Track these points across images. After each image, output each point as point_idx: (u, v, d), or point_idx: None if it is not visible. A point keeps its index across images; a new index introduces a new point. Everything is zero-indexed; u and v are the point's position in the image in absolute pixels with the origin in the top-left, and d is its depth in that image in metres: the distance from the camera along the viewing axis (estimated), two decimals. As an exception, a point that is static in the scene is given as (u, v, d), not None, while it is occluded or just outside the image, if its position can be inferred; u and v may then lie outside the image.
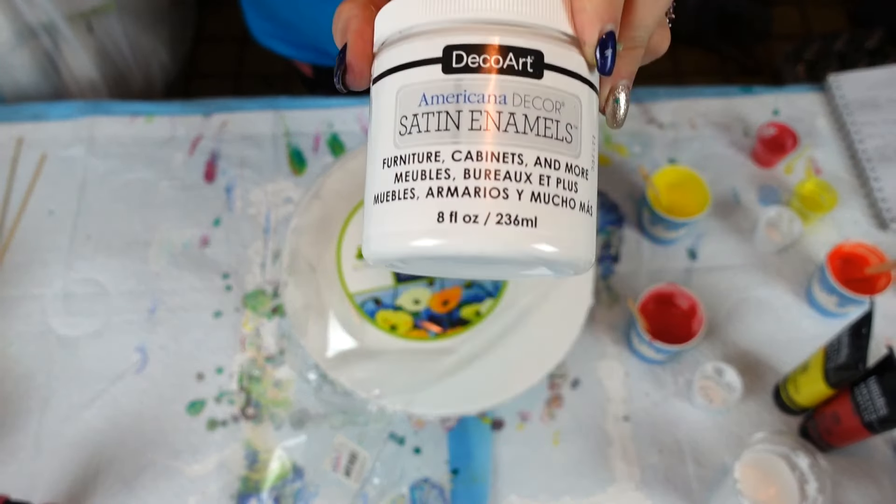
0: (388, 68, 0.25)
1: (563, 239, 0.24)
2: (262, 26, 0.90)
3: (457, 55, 0.23)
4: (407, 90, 0.24)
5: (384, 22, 0.25)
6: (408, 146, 0.24)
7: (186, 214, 0.84)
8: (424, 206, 0.23)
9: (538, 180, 0.23)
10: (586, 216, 0.25)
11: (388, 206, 0.24)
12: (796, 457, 0.64)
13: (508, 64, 0.23)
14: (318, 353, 0.70)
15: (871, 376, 0.62)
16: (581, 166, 0.24)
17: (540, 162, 0.23)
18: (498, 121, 0.23)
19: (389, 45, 0.25)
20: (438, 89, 0.23)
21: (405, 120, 0.24)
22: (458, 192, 0.23)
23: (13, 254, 0.81)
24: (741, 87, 0.93)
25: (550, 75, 0.24)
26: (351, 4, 0.27)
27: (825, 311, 0.78)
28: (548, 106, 0.24)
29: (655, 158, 0.88)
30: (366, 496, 0.70)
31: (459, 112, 0.23)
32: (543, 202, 0.23)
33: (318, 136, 0.89)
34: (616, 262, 0.82)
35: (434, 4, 0.24)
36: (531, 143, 0.23)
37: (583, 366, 0.76)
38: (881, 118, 0.89)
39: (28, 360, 0.76)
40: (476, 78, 0.23)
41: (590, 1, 0.23)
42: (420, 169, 0.23)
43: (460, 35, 0.23)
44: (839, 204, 0.82)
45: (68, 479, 0.71)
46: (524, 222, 0.23)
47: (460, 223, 0.23)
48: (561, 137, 0.24)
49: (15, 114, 0.90)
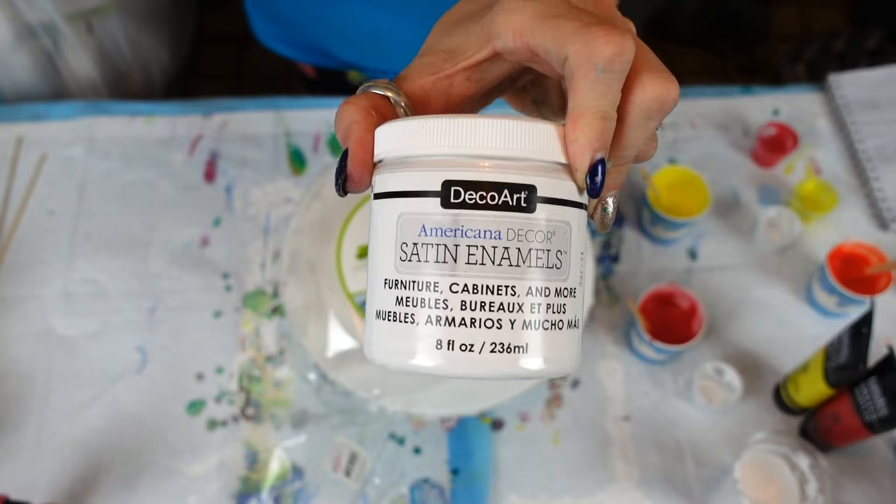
0: (390, 191, 0.26)
1: (550, 358, 0.26)
2: (265, 28, 0.90)
3: (455, 191, 0.25)
4: (407, 218, 0.26)
5: (385, 139, 0.27)
6: (408, 273, 0.25)
7: (186, 214, 0.84)
8: (424, 332, 0.25)
9: (529, 309, 0.25)
10: (572, 331, 0.27)
11: (389, 326, 0.26)
12: (796, 457, 0.64)
13: (503, 200, 0.25)
14: (318, 353, 0.70)
15: (871, 376, 0.62)
16: (569, 287, 0.26)
17: (531, 291, 0.25)
18: (493, 255, 0.25)
19: (389, 166, 0.26)
20: (438, 223, 0.25)
21: (405, 247, 0.25)
22: (455, 322, 0.25)
23: (13, 254, 0.81)
24: (741, 87, 0.93)
25: (543, 207, 0.25)
26: (353, 108, 0.27)
27: (825, 311, 0.78)
28: (539, 237, 0.25)
29: (655, 158, 0.88)
30: (366, 496, 0.70)
31: (457, 246, 0.25)
32: (533, 328, 0.25)
33: (318, 136, 0.89)
34: (616, 262, 0.82)
35: (434, 136, 0.25)
36: (523, 274, 0.25)
37: (583, 366, 0.76)
38: (881, 118, 0.89)
39: (28, 360, 0.76)
40: (473, 214, 0.25)
41: (582, 133, 0.25)
42: (420, 297, 0.25)
43: (458, 171, 0.25)
44: (839, 204, 0.82)
45: (68, 479, 0.71)
46: (515, 349, 0.25)
47: (457, 351, 0.25)
48: (551, 265, 0.26)
49: (15, 114, 0.90)
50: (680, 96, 0.27)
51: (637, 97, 0.26)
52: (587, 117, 0.25)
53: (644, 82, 0.26)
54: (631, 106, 0.26)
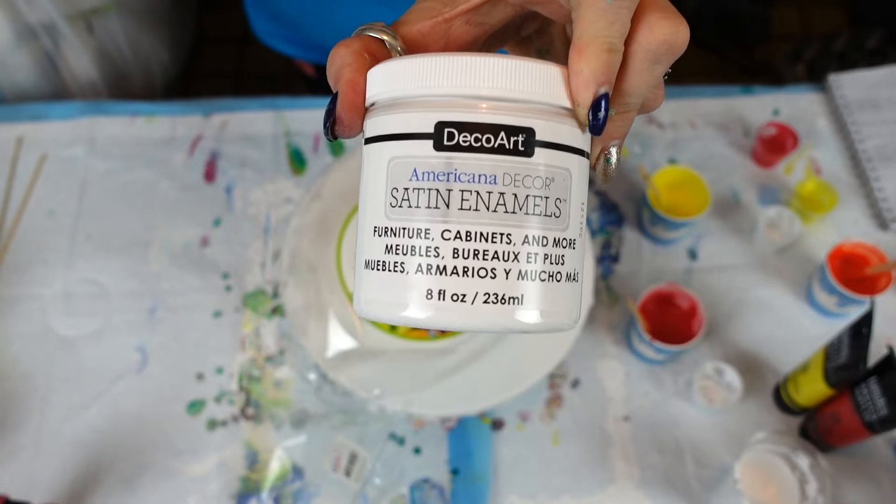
0: (381, 134, 0.25)
1: (548, 312, 0.25)
2: (265, 26, 0.90)
3: (448, 132, 0.23)
4: (398, 162, 0.24)
5: (377, 81, 0.25)
6: (398, 220, 0.24)
7: (186, 214, 0.84)
8: (414, 282, 0.24)
9: (525, 259, 0.24)
10: (571, 284, 0.25)
11: (379, 276, 0.25)
12: (796, 457, 0.64)
13: (500, 143, 0.23)
14: (318, 353, 0.70)
15: (871, 376, 0.62)
16: (568, 238, 0.25)
17: (528, 240, 0.24)
18: (488, 201, 0.23)
19: (381, 108, 0.25)
20: (430, 166, 0.24)
21: (396, 192, 0.24)
22: (447, 271, 0.23)
23: (13, 254, 0.81)
24: (741, 87, 0.93)
25: (541, 152, 0.24)
26: (345, 51, 0.26)
27: (825, 311, 0.78)
28: (538, 184, 0.24)
29: (655, 158, 0.88)
30: (366, 496, 0.70)
31: (450, 191, 0.23)
32: (530, 279, 0.24)
33: (318, 136, 0.89)
34: (616, 262, 0.82)
35: (427, 76, 0.24)
36: (520, 221, 0.24)
37: (583, 366, 0.76)
38: (881, 118, 0.89)
39: (28, 360, 0.76)
40: (467, 157, 0.23)
41: (587, 64, 0.23)
42: (410, 244, 0.24)
43: (452, 112, 0.23)
44: (839, 204, 0.82)
45: (68, 479, 0.71)
46: (510, 300, 0.24)
47: (448, 301, 0.23)
48: (550, 213, 0.24)
49: (15, 114, 0.90)
50: (680, 96, 0.26)
51: (644, 38, 0.24)
52: (593, 48, 0.23)
53: (652, 22, 0.24)
54: (637, 47, 0.24)
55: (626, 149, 0.88)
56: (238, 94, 0.92)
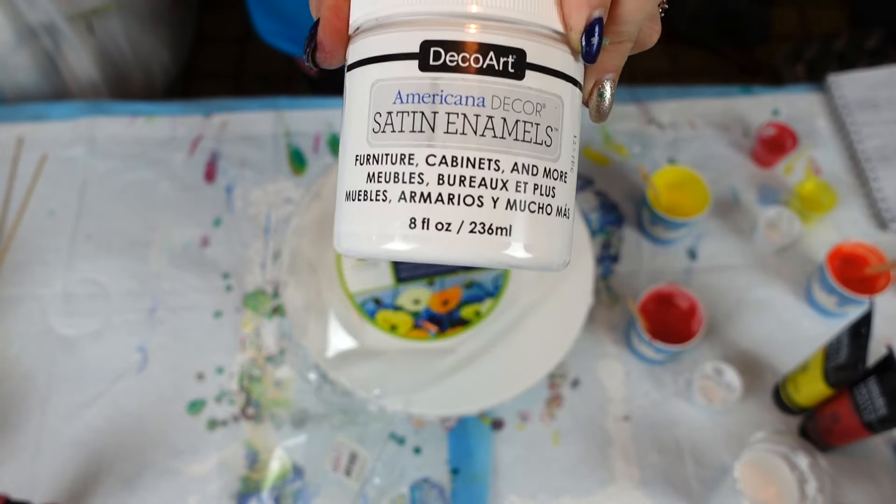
0: (363, 58, 0.24)
1: (537, 246, 0.24)
2: (267, 25, 0.90)
3: (434, 52, 0.22)
4: (382, 85, 0.23)
5: (360, 3, 0.24)
6: (381, 145, 0.23)
7: (186, 214, 0.84)
8: (397, 210, 0.23)
9: (514, 187, 0.23)
10: (562, 220, 0.24)
11: (360, 206, 0.24)
12: (796, 457, 0.64)
13: (489, 64, 0.22)
14: (318, 353, 0.70)
15: (870, 376, 0.62)
16: (560, 170, 0.24)
17: (517, 168, 0.23)
18: (475, 125, 0.22)
19: (365, 31, 0.24)
20: (414, 87, 0.22)
21: (379, 117, 0.23)
22: (430, 198, 0.22)
23: (13, 254, 0.81)
24: (741, 87, 0.93)
25: (532, 75, 0.23)
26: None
27: (825, 311, 0.78)
28: (528, 108, 0.23)
29: (655, 158, 0.88)
30: (366, 496, 0.70)
31: (435, 114, 0.22)
32: (519, 209, 0.23)
33: (318, 136, 0.89)
34: (616, 262, 0.82)
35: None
36: (509, 147, 0.23)
37: (583, 366, 0.76)
38: (881, 118, 0.89)
39: (28, 360, 0.76)
40: (454, 78, 0.22)
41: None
42: (393, 171, 0.23)
43: (439, 30, 0.22)
44: (839, 204, 0.83)
45: (68, 479, 0.71)
46: (498, 231, 0.23)
47: (433, 230, 0.22)
48: (540, 141, 0.23)
49: (15, 114, 0.90)
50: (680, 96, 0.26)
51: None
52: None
53: None
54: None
55: (626, 149, 0.88)
56: (238, 94, 0.92)
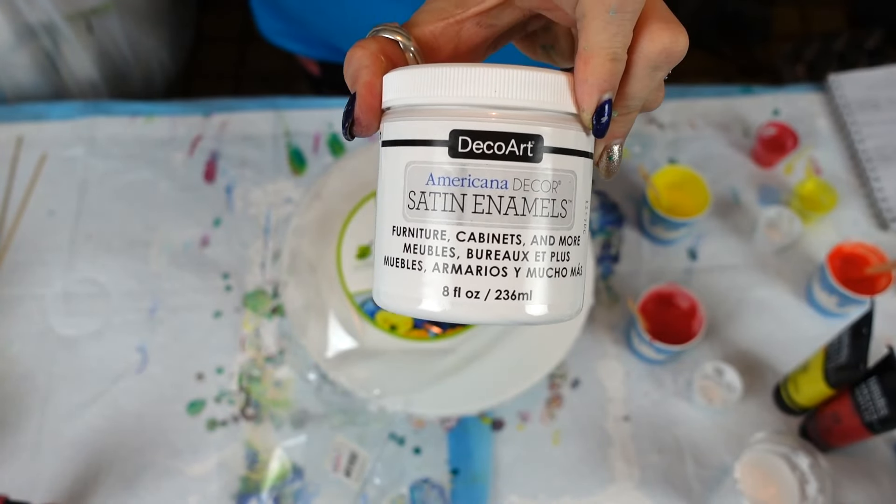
0: (397, 139, 0.26)
1: (554, 304, 0.26)
2: (271, 25, 0.90)
3: (462, 140, 0.25)
4: (415, 167, 0.26)
5: (393, 87, 0.27)
6: (416, 221, 0.26)
7: (186, 214, 0.84)
8: (431, 279, 0.26)
9: (534, 257, 0.26)
10: (576, 278, 0.27)
11: (397, 272, 0.26)
12: (796, 457, 0.64)
13: (510, 150, 0.25)
14: (318, 353, 0.70)
15: (871, 376, 0.62)
16: (573, 235, 0.27)
17: (536, 240, 0.26)
18: (499, 205, 0.25)
19: (397, 113, 0.27)
20: (445, 172, 0.25)
21: (413, 195, 0.26)
22: (461, 270, 0.25)
23: (13, 254, 0.81)
24: (741, 87, 0.93)
25: (549, 157, 0.25)
26: (362, 53, 0.27)
27: (825, 311, 0.78)
28: (545, 187, 0.26)
29: (655, 158, 0.88)
30: (366, 496, 0.70)
31: (464, 196, 0.25)
32: (538, 276, 0.26)
33: (318, 136, 0.89)
34: (616, 262, 0.82)
35: (442, 85, 0.25)
36: (528, 223, 0.25)
37: (583, 366, 0.76)
38: (881, 118, 0.89)
39: (28, 360, 0.76)
40: (480, 164, 0.25)
41: (592, 73, 0.25)
42: (427, 244, 0.26)
43: (466, 120, 0.25)
44: (839, 204, 0.82)
45: (68, 479, 0.71)
46: (520, 296, 0.26)
47: (463, 297, 0.25)
48: (556, 214, 0.26)
49: (15, 114, 0.90)
50: (680, 96, 0.27)
51: (645, 47, 0.26)
52: (598, 58, 0.25)
53: (653, 32, 0.26)
54: (638, 56, 0.26)
55: (626, 149, 0.88)
56: (238, 94, 0.92)
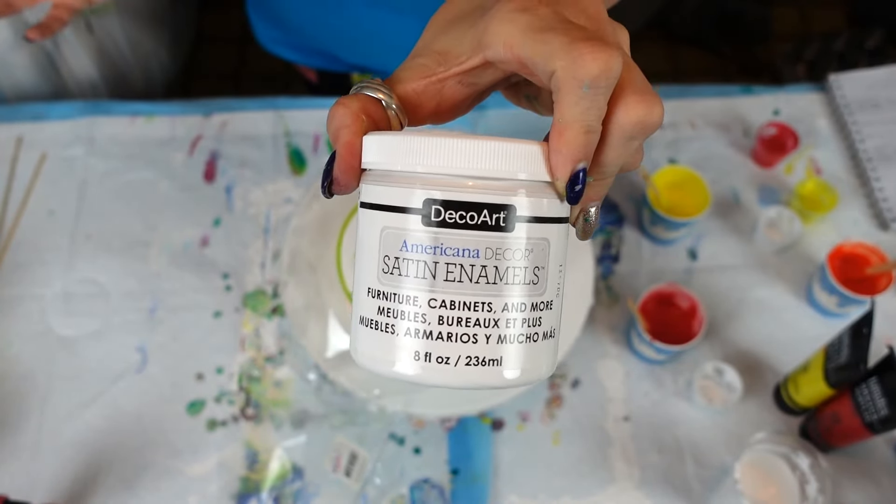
0: (374, 203, 0.27)
1: (526, 369, 0.27)
2: (268, 33, 0.90)
3: (435, 209, 0.25)
4: (390, 232, 0.26)
5: (372, 150, 0.27)
6: (390, 285, 0.26)
7: (186, 214, 0.84)
8: (403, 343, 0.26)
9: (505, 324, 0.26)
10: (547, 341, 0.27)
11: (372, 333, 0.27)
12: (797, 457, 0.64)
13: (483, 220, 0.25)
14: (318, 353, 0.70)
15: (871, 376, 0.62)
16: (546, 300, 0.27)
17: (507, 308, 0.26)
18: (471, 273, 0.25)
19: (375, 177, 0.27)
20: (418, 240, 0.26)
21: (388, 260, 0.26)
22: (432, 336, 0.26)
23: (13, 254, 0.81)
24: (741, 87, 0.93)
25: (522, 227, 0.26)
26: (343, 112, 0.28)
27: (825, 311, 0.78)
28: (517, 255, 0.26)
29: (655, 158, 0.88)
30: (366, 496, 0.70)
31: (436, 263, 0.25)
32: (508, 342, 0.26)
33: (317, 136, 0.89)
34: (616, 262, 0.82)
35: (417, 154, 0.25)
36: (500, 291, 0.26)
37: (583, 366, 0.76)
38: (881, 118, 0.89)
39: (28, 360, 0.76)
40: (452, 233, 0.25)
41: (566, 145, 0.25)
42: (400, 309, 0.26)
43: (440, 189, 0.25)
44: (839, 204, 0.82)
45: (68, 479, 0.71)
46: (490, 363, 0.26)
47: (434, 363, 0.26)
48: (528, 281, 0.26)
49: (15, 114, 0.90)
50: (680, 96, 0.27)
51: (620, 118, 0.26)
52: (572, 131, 0.25)
53: (628, 104, 0.26)
54: (613, 126, 0.26)
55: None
56: (238, 94, 0.92)
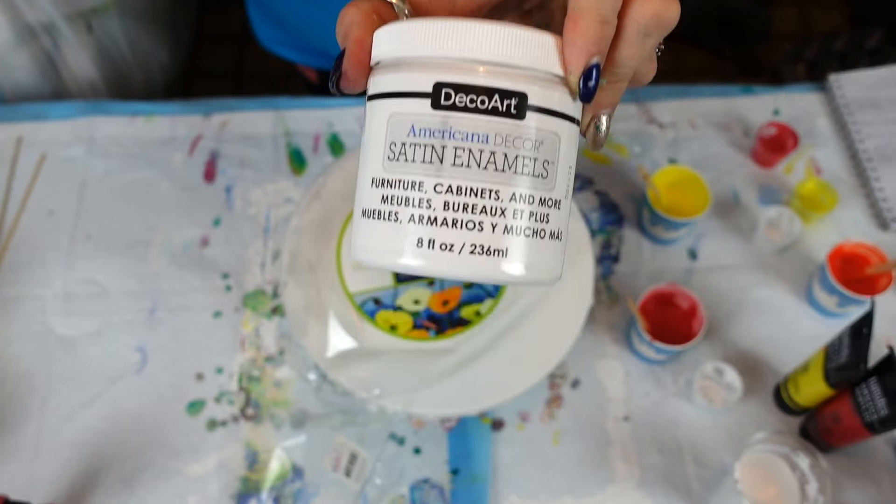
0: (382, 92, 0.26)
1: (530, 265, 0.26)
2: (268, 33, 0.90)
3: (445, 93, 0.25)
4: (397, 118, 0.26)
5: (382, 41, 0.27)
6: (395, 172, 0.26)
7: (186, 214, 0.84)
8: (407, 231, 0.25)
9: (511, 215, 0.25)
10: (554, 242, 0.27)
11: (374, 224, 0.26)
12: (797, 457, 0.64)
13: (493, 105, 0.25)
14: (318, 353, 0.70)
15: (871, 377, 0.62)
16: (554, 198, 0.27)
17: (515, 198, 0.25)
18: (479, 159, 0.25)
19: (385, 67, 0.27)
20: (426, 123, 0.25)
21: (394, 146, 0.26)
22: (437, 222, 0.25)
23: (13, 254, 0.81)
24: (741, 87, 0.93)
25: (533, 116, 0.25)
26: (354, 10, 0.28)
27: (825, 311, 0.78)
28: (527, 145, 0.25)
29: (655, 158, 0.88)
30: (366, 496, 0.70)
31: (444, 147, 0.25)
32: (514, 234, 0.26)
33: (318, 136, 0.89)
34: (616, 262, 0.82)
35: (428, 38, 0.25)
36: (508, 180, 0.25)
37: (583, 366, 0.76)
38: (881, 118, 0.89)
39: (28, 360, 0.76)
40: (462, 117, 0.25)
41: (580, 35, 0.25)
42: (405, 196, 0.25)
43: (450, 73, 0.25)
44: (839, 204, 0.82)
45: (68, 479, 0.71)
46: (495, 252, 0.25)
47: (437, 250, 0.25)
48: (537, 174, 0.26)
49: (15, 114, 0.90)
50: (680, 96, 0.27)
51: (635, 11, 0.25)
52: (586, 19, 0.25)
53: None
54: (628, 20, 0.26)
55: (626, 149, 0.88)
56: (238, 94, 0.92)
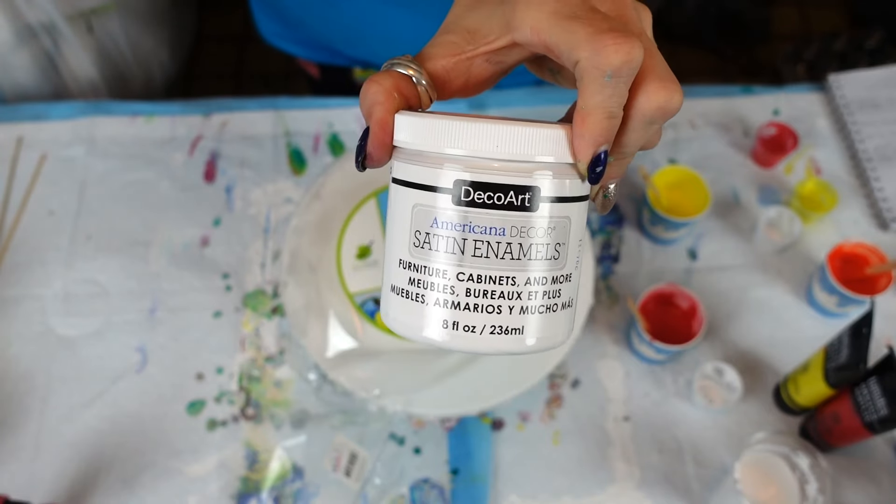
0: (406, 180, 0.29)
1: (544, 337, 0.29)
2: (271, 27, 0.90)
3: (465, 190, 0.27)
4: (421, 209, 0.28)
5: (404, 129, 0.29)
6: (420, 258, 0.28)
7: (186, 214, 0.84)
8: (433, 312, 0.28)
9: (527, 297, 0.28)
10: (566, 311, 0.30)
11: (403, 301, 0.29)
12: (797, 457, 0.64)
13: (509, 200, 0.27)
14: (318, 353, 0.70)
15: (871, 376, 0.62)
16: (565, 274, 0.29)
17: (529, 281, 0.28)
18: (497, 250, 0.28)
19: (407, 155, 0.29)
20: (448, 217, 0.28)
21: (419, 235, 0.28)
22: (459, 307, 0.28)
23: (13, 254, 0.81)
24: (741, 87, 0.93)
25: (545, 206, 0.28)
26: (376, 88, 0.29)
27: (825, 311, 0.78)
28: (540, 233, 0.28)
29: (655, 158, 0.88)
30: (366, 496, 0.70)
31: (465, 240, 0.28)
32: (529, 313, 0.28)
33: (318, 136, 0.89)
34: (616, 262, 0.82)
35: (448, 137, 0.27)
36: (523, 266, 0.28)
37: (583, 366, 0.76)
38: (881, 118, 0.89)
39: (28, 360, 0.76)
40: (480, 213, 0.27)
41: (588, 130, 0.27)
42: (430, 281, 0.28)
43: (469, 171, 0.27)
44: (839, 204, 0.82)
45: (68, 479, 0.71)
46: (513, 331, 0.28)
47: (461, 331, 0.28)
48: (550, 257, 0.28)
49: (15, 114, 0.90)
50: None
51: (641, 104, 0.27)
52: (594, 117, 0.27)
53: (649, 90, 0.27)
54: (634, 111, 0.28)
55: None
56: (238, 94, 0.92)
